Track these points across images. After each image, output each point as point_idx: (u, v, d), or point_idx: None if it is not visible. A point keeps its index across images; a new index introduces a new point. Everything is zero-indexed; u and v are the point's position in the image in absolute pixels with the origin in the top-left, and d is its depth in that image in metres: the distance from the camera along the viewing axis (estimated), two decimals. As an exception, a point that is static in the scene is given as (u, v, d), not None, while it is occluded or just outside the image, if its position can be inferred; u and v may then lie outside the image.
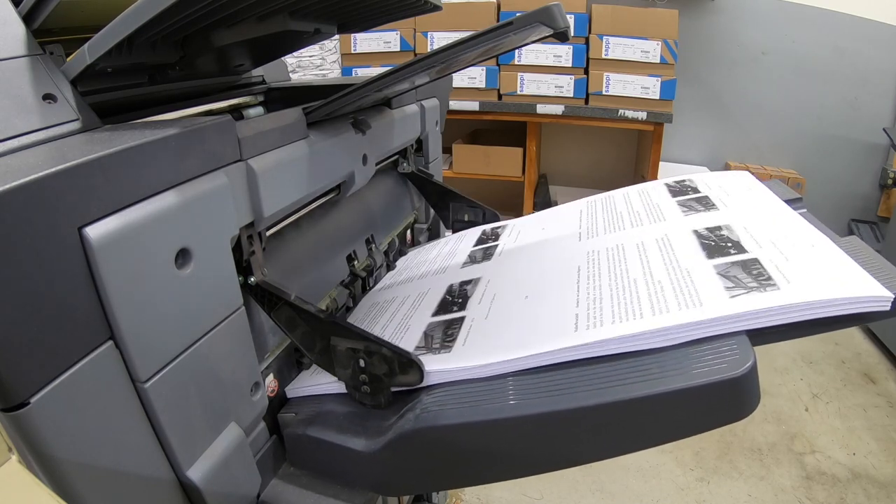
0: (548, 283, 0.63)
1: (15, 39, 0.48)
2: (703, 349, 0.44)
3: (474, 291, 0.68)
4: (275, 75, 0.93)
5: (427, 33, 2.36)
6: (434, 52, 0.51)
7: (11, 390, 0.32)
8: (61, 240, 0.34)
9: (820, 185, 2.68)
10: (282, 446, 0.60)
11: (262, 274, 0.55)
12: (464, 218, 1.00)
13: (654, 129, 2.28)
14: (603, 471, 1.62)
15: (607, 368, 0.46)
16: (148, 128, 0.43)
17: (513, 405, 0.47)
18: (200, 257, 0.44)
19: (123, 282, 0.37)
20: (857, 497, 1.52)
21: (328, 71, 2.46)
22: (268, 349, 0.60)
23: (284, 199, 0.57)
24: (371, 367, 0.55)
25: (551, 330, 0.52)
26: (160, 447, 0.43)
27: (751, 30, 2.57)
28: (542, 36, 0.53)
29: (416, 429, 0.50)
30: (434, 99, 1.02)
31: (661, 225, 0.67)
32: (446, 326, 0.61)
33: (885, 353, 2.16)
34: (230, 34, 0.61)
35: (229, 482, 0.49)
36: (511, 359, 0.50)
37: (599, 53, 2.22)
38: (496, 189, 2.64)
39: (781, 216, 0.62)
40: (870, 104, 2.58)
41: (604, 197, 0.84)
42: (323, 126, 0.65)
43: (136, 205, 0.38)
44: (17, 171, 0.32)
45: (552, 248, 0.73)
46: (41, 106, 0.46)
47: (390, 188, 0.97)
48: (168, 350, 0.42)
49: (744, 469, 1.63)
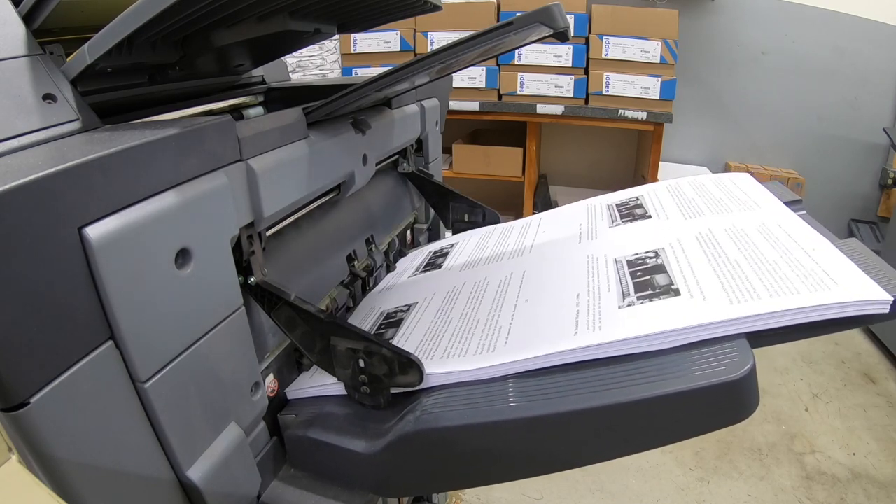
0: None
1: (15, 39, 0.48)
2: (702, 352, 0.44)
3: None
4: (275, 75, 0.93)
5: (427, 33, 2.36)
6: (434, 52, 0.51)
7: (11, 390, 0.32)
8: (61, 240, 0.34)
9: (820, 185, 2.68)
10: (282, 448, 0.60)
11: (262, 274, 0.55)
12: (464, 218, 1.00)
13: (654, 130, 2.28)
14: (603, 471, 1.62)
15: (607, 371, 0.46)
16: (148, 128, 0.43)
17: (513, 407, 0.47)
18: (200, 257, 0.44)
19: (123, 282, 0.37)
20: (857, 497, 1.52)
21: (328, 71, 2.46)
22: (268, 349, 0.60)
23: (284, 199, 0.57)
24: (371, 368, 0.55)
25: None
26: (160, 447, 0.43)
27: (751, 30, 2.57)
28: (542, 36, 0.53)
29: (416, 430, 0.50)
30: (434, 99, 1.02)
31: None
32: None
33: (885, 353, 2.16)
34: (230, 34, 0.61)
35: (229, 482, 0.49)
36: (510, 361, 0.50)
37: (599, 53, 2.22)
38: (496, 189, 2.64)
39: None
40: (870, 104, 2.58)
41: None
42: (323, 126, 0.65)
43: (136, 205, 0.38)
44: (17, 171, 0.32)
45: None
46: (41, 106, 0.46)
47: (390, 188, 0.97)
48: (168, 350, 0.42)
49: (744, 469, 1.63)
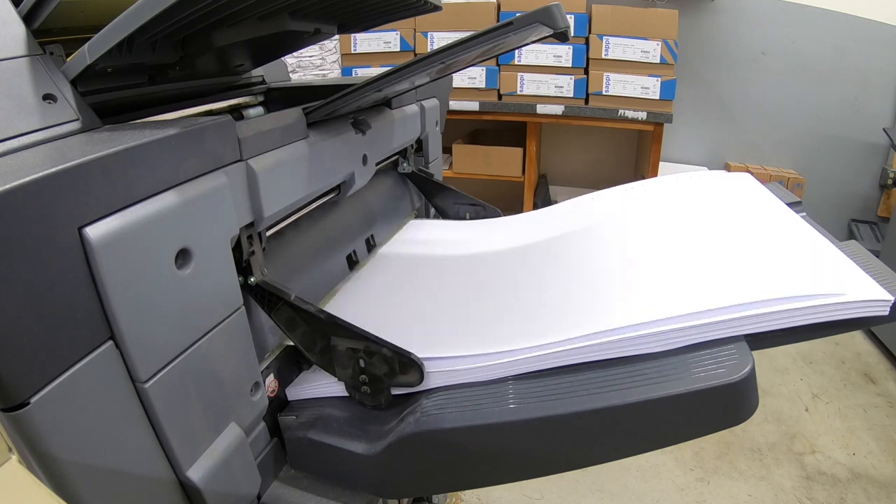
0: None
1: (15, 39, 0.48)
2: (702, 354, 0.44)
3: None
4: (275, 75, 0.93)
5: (427, 33, 2.36)
6: (434, 52, 0.51)
7: (11, 390, 0.32)
8: (61, 240, 0.34)
9: (820, 186, 2.68)
10: (283, 449, 0.60)
11: (262, 274, 0.55)
12: (465, 216, 1.00)
13: (653, 130, 2.28)
14: (603, 471, 1.62)
15: (607, 373, 0.46)
16: (148, 128, 0.43)
17: (513, 409, 0.47)
18: (200, 257, 0.44)
19: (123, 282, 0.37)
20: (857, 497, 1.52)
21: (328, 71, 2.45)
22: (268, 349, 0.60)
23: (284, 199, 0.57)
24: (371, 367, 0.55)
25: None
26: (160, 447, 0.43)
27: (751, 30, 2.57)
28: (542, 36, 0.53)
29: (416, 432, 0.50)
30: (434, 99, 1.02)
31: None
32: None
33: (885, 353, 2.16)
34: (230, 34, 0.61)
35: (229, 482, 0.49)
36: (512, 349, 0.50)
37: (599, 53, 2.22)
38: (496, 189, 2.64)
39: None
40: (870, 104, 2.58)
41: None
42: (323, 126, 0.65)
43: (136, 205, 0.38)
44: (17, 171, 0.32)
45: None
46: (41, 106, 0.46)
47: (390, 188, 0.97)
48: (168, 350, 0.42)
49: (744, 469, 1.63)
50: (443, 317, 0.61)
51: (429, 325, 0.60)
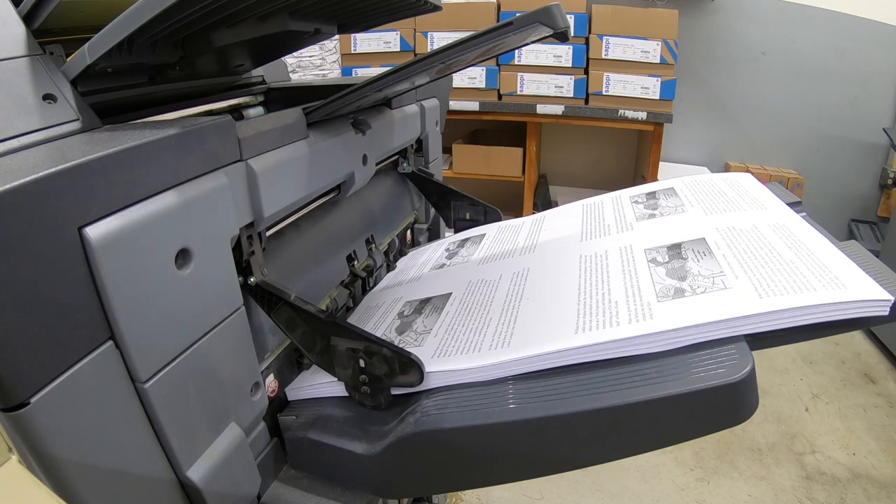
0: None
1: (15, 39, 0.48)
2: (702, 354, 0.44)
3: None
4: (275, 75, 0.93)
5: (427, 33, 2.36)
6: (434, 52, 0.50)
7: (11, 390, 0.32)
8: (61, 240, 0.34)
9: (820, 186, 2.68)
10: (283, 449, 0.60)
11: (262, 274, 0.55)
12: (465, 216, 1.00)
13: (654, 130, 2.28)
14: (603, 471, 1.62)
15: (607, 373, 0.46)
16: (148, 128, 0.43)
17: (513, 409, 0.47)
18: (200, 257, 0.44)
19: (123, 282, 0.37)
20: (857, 497, 1.52)
21: (328, 71, 2.46)
22: (268, 349, 0.60)
23: (284, 199, 0.57)
24: (371, 368, 0.55)
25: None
26: (160, 447, 0.43)
27: (751, 30, 2.57)
28: (542, 36, 0.53)
29: (416, 432, 0.50)
30: (434, 99, 1.02)
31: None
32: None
33: (885, 353, 2.16)
34: (230, 34, 0.61)
35: (229, 482, 0.49)
36: (510, 360, 0.50)
37: (599, 53, 2.22)
38: (496, 189, 2.64)
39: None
40: (870, 104, 2.58)
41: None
42: (323, 126, 0.65)
43: (136, 205, 0.38)
44: (17, 171, 0.32)
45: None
46: (41, 106, 0.46)
47: (390, 188, 0.97)
48: (168, 350, 0.42)
49: (744, 469, 1.63)
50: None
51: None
